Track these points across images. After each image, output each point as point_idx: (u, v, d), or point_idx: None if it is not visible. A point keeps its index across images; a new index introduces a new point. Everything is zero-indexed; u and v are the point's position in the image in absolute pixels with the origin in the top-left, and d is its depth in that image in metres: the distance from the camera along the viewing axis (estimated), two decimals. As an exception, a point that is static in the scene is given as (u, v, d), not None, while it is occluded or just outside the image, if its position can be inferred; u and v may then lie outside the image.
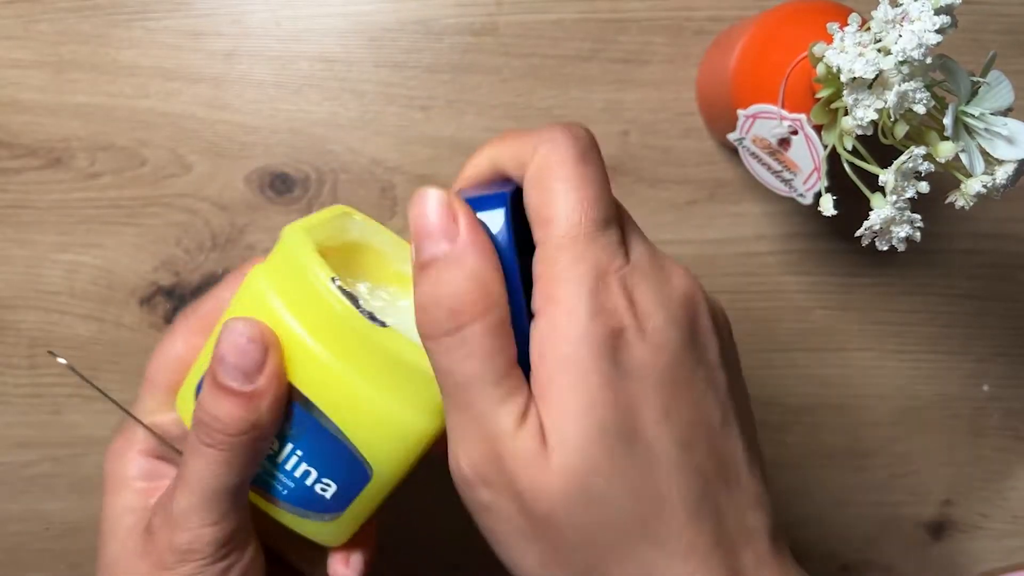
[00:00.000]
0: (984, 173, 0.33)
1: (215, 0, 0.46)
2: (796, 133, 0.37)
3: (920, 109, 0.32)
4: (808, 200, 0.38)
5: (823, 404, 0.50)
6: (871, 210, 0.35)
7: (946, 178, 0.35)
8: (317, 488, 0.31)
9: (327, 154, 0.47)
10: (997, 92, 0.33)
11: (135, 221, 0.47)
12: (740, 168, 0.47)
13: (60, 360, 0.31)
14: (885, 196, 0.34)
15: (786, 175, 0.39)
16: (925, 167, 0.33)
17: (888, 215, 0.34)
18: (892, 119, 0.33)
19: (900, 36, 0.32)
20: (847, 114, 0.34)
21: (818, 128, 0.37)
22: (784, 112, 0.37)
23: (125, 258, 0.47)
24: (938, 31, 0.31)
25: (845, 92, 0.33)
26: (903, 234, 0.35)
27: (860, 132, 0.34)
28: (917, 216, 0.35)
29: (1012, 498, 0.51)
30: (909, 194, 0.34)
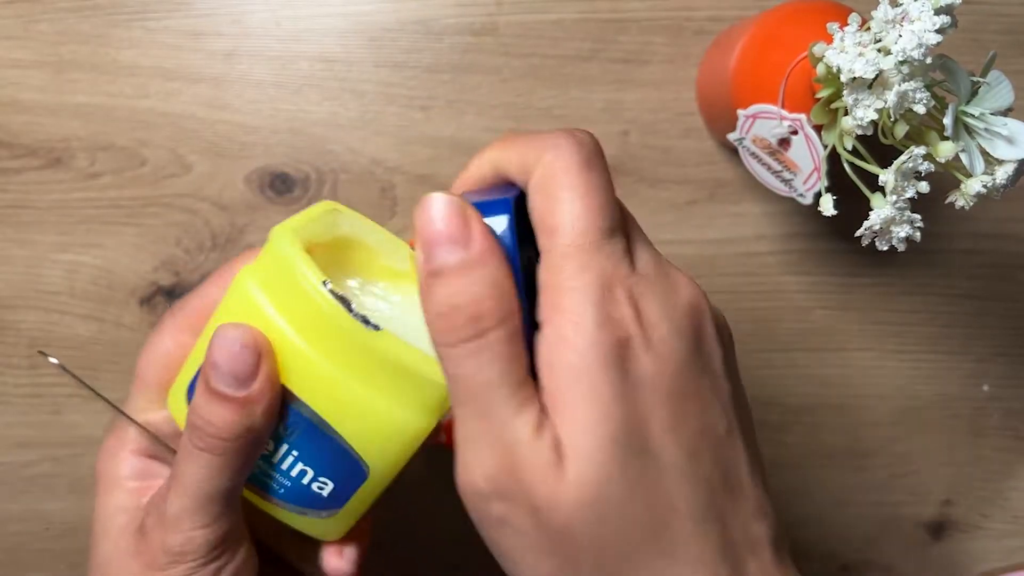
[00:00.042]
0: (984, 173, 0.33)
1: (215, 0, 0.46)
2: (796, 133, 0.37)
3: (920, 109, 0.32)
4: (808, 200, 0.38)
5: (823, 404, 0.50)
6: (871, 210, 0.35)
7: (946, 178, 0.35)
8: (314, 487, 0.30)
9: (327, 154, 0.47)
10: (997, 92, 0.33)
11: (135, 221, 0.47)
12: (740, 168, 0.47)
13: (52, 360, 0.30)
14: (885, 196, 0.34)
15: (786, 175, 0.39)
16: (925, 167, 0.33)
17: (888, 215, 0.34)
18: (892, 119, 0.33)
19: (900, 36, 0.32)
20: (847, 114, 0.34)
21: (818, 128, 0.37)
22: (784, 112, 0.37)
23: (125, 258, 0.47)
24: (938, 31, 0.31)
25: (845, 92, 0.33)
26: (903, 234, 0.35)
27: (860, 132, 0.34)
28: (917, 216, 0.35)
29: (1012, 498, 0.51)
30: (909, 194, 0.34)
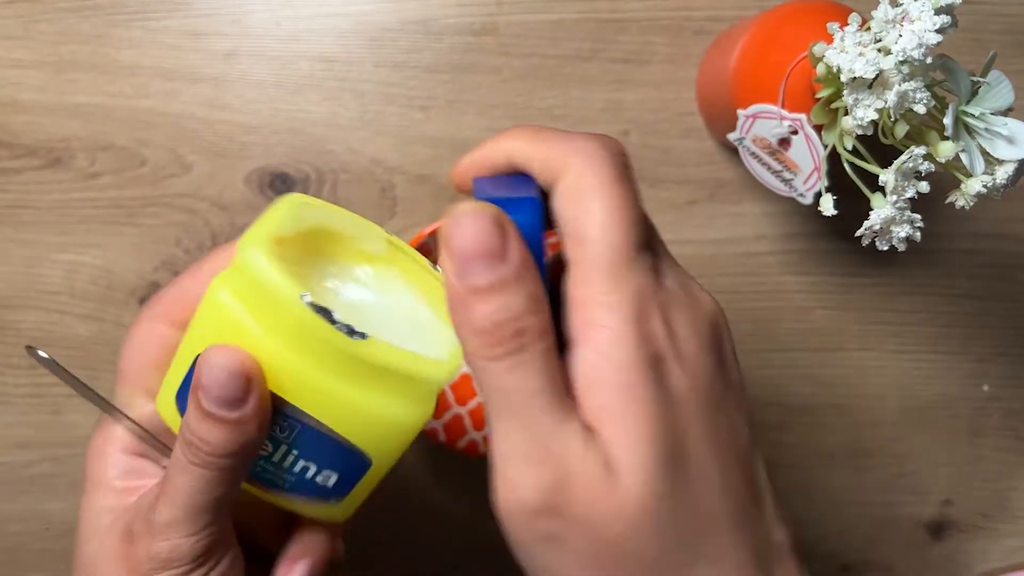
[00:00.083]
0: (984, 173, 0.33)
1: (215, 0, 0.46)
2: (796, 133, 0.37)
3: (920, 109, 0.32)
4: (808, 200, 0.38)
5: (823, 404, 0.50)
6: (871, 210, 0.35)
7: (946, 178, 0.35)
8: (318, 479, 0.31)
9: (327, 154, 0.47)
10: (997, 92, 0.33)
11: (135, 221, 0.47)
12: (740, 168, 0.47)
13: (41, 354, 0.30)
14: (885, 196, 0.34)
15: (786, 175, 0.39)
16: (925, 167, 0.33)
17: (888, 215, 0.34)
18: (892, 119, 0.33)
19: (900, 36, 0.32)
20: (847, 114, 0.34)
21: (818, 128, 0.37)
22: (784, 112, 0.37)
23: (125, 258, 0.47)
24: (938, 31, 0.31)
25: (845, 92, 0.33)
26: (903, 234, 0.35)
27: (860, 132, 0.34)
28: (917, 216, 0.35)
29: (1012, 498, 0.51)
30: (909, 194, 0.34)
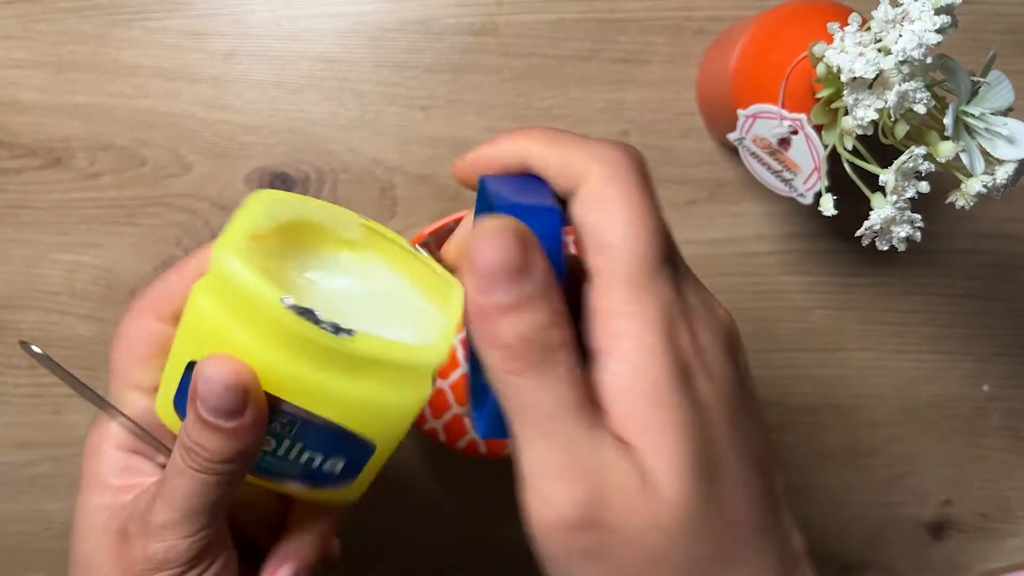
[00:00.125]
0: (984, 173, 0.33)
1: (215, 0, 0.46)
2: (796, 133, 0.37)
3: (920, 109, 0.32)
4: (808, 200, 0.38)
5: (823, 404, 0.50)
6: (871, 210, 0.35)
7: (946, 178, 0.35)
8: (326, 467, 0.31)
9: (327, 154, 0.47)
10: (997, 92, 0.33)
11: (135, 221, 0.47)
12: (740, 168, 0.47)
13: (35, 349, 0.30)
14: (885, 196, 0.34)
15: (786, 175, 0.39)
16: (925, 167, 0.33)
17: (888, 215, 0.34)
18: (892, 119, 0.33)
19: (900, 36, 0.32)
20: (847, 114, 0.34)
21: (818, 128, 0.37)
22: (784, 112, 0.37)
23: (125, 258, 0.47)
24: (938, 31, 0.31)
25: (845, 92, 0.33)
26: (903, 234, 0.35)
27: (860, 132, 0.34)
28: (917, 216, 0.35)
29: (1012, 498, 0.51)
30: (909, 194, 0.34)
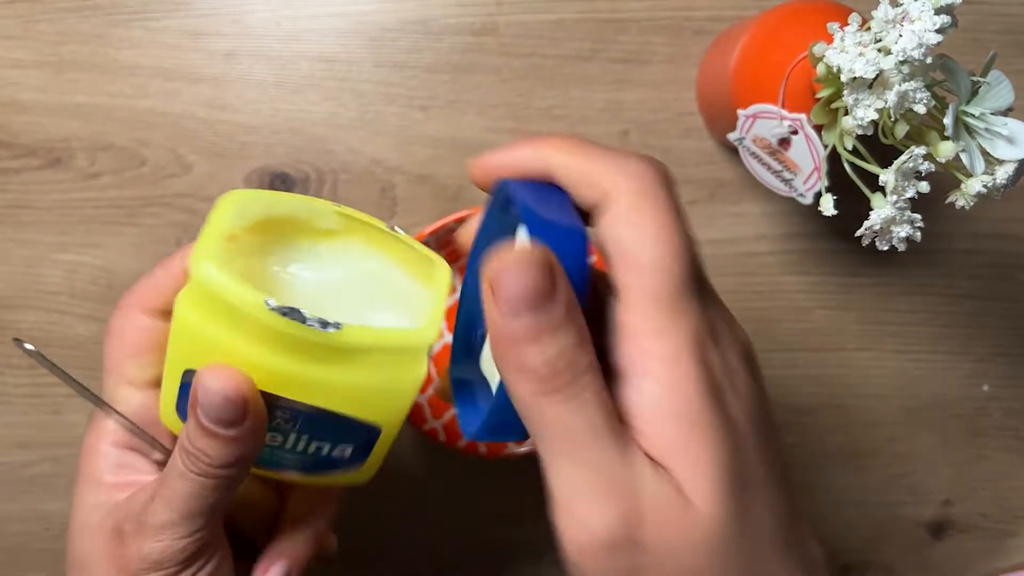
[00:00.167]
0: (984, 173, 0.33)
1: (215, 0, 0.46)
2: (796, 133, 0.37)
3: (920, 109, 0.32)
4: (808, 200, 0.38)
5: (823, 404, 0.50)
6: (871, 210, 0.35)
7: (946, 178, 0.35)
8: (335, 454, 0.32)
9: (327, 154, 0.47)
10: (997, 92, 0.33)
11: (135, 221, 0.47)
12: (740, 168, 0.47)
13: (28, 346, 0.30)
14: (885, 196, 0.34)
15: (786, 175, 0.39)
16: (925, 167, 0.33)
17: (888, 215, 0.34)
18: (892, 119, 0.33)
19: (900, 36, 0.32)
20: (847, 114, 0.34)
21: (818, 128, 0.37)
22: (784, 112, 0.37)
23: (125, 258, 0.47)
24: (938, 31, 0.31)
25: (845, 92, 0.33)
26: (903, 234, 0.35)
27: (860, 132, 0.34)
28: (917, 216, 0.35)
29: (1012, 498, 0.51)
30: (909, 194, 0.34)
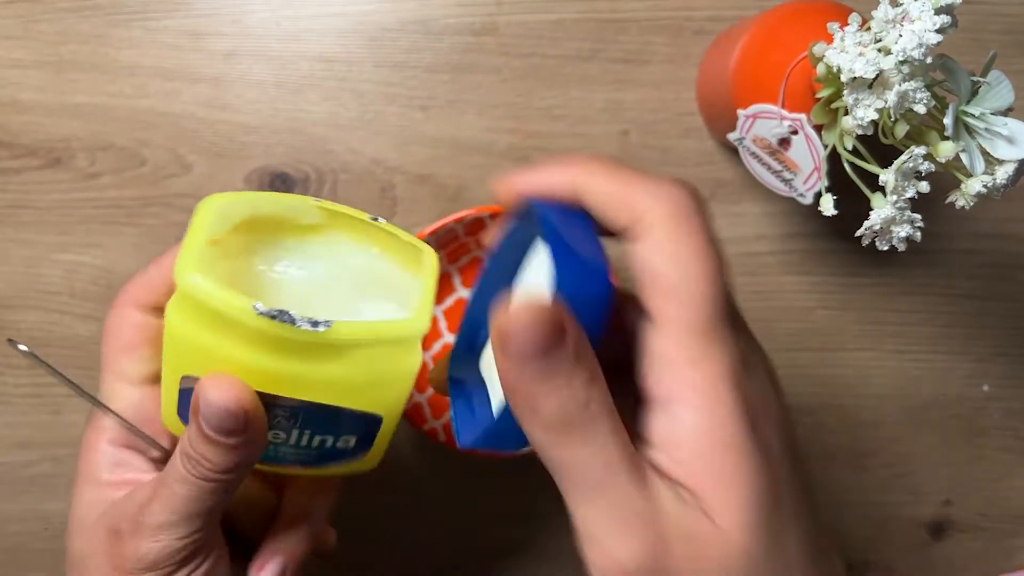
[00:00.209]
0: (984, 173, 0.33)
1: (215, 0, 0.46)
2: (796, 133, 0.37)
3: (920, 109, 0.32)
4: (808, 200, 0.38)
5: (823, 404, 0.50)
6: (871, 210, 0.35)
7: (946, 178, 0.35)
8: (339, 445, 0.32)
9: (327, 154, 0.47)
10: (997, 92, 0.33)
11: (135, 221, 0.47)
12: (740, 168, 0.47)
13: (21, 347, 0.30)
14: (885, 196, 0.34)
15: (786, 175, 0.39)
16: (925, 167, 0.33)
17: (888, 215, 0.34)
18: (892, 119, 0.33)
19: (900, 36, 0.32)
20: (847, 114, 0.34)
21: (818, 128, 0.37)
22: (784, 112, 0.37)
23: (125, 258, 0.47)
24: (938, 31, 0.31)
25: (845, 92, 0.33)
26: (903, 234, 0.35)
27: (860, 132, 0.34)
28: (917, 216, 0.35)
29: (1012, 498, 0.51)
30: (909, 194, 0.34)
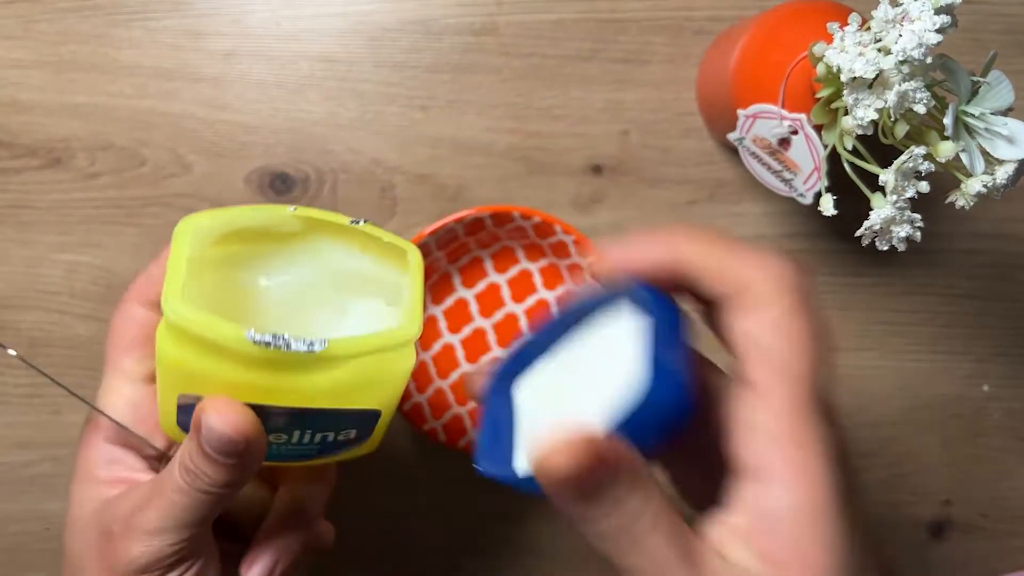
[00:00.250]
0: (984, 173, 0.33)
1: (215, 0, 0.46)
2: (796, 133, 0.37)
3: (920, 109, 0.32)
4: (808, 200, 0.38)
5: (823, 404, 0.50)
6: (871, 210, 0.35)
7: (946, 178, 0.35)
8: (340, 438, 0.32)
9: (327, 154, 0.47)
10: (997, 92, 0.33)
11: (135, 221, 0.47)
12: (740, 168, 0.47)
13: (10, 352, 0.31)
14: (885, 196, 0.34)
15: (786, 175, 0.39)
16: (925, 167, 0.33)
17: (888, 215, 0.34)
18: (892, 119, 0.33)
19: (900, 36, 0.32)
20: (847, 114, 0.34)
21: (818, 128, 0.37)
22: (784, 112, 0.37)
23: (125, 258, 0.47)
24: (938, 31, 0.31)
25: (845, 92, 0.33)
26: (903, 234, 0.35)
27: (860, 132, 0.34)
28: (917, 216, 0.35)
29: (1012, 498, 0.51)
30: (909, 194, 0.34)
